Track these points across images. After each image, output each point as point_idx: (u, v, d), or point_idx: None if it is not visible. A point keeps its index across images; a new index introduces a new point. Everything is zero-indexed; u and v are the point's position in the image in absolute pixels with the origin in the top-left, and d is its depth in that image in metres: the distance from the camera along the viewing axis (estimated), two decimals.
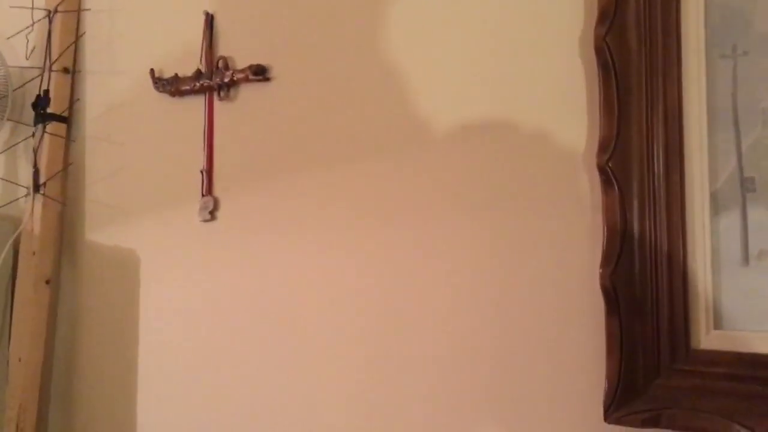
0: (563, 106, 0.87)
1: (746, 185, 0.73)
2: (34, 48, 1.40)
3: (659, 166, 0.78)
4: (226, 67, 1.18)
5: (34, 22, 1.41)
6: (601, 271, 0.79)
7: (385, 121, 1.01)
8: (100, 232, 1.36)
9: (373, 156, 1.02)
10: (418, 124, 0.98)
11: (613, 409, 0.78)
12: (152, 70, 1.27)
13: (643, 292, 0.78)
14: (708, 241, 0.76)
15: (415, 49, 0.99)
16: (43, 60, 1.38)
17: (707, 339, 0.75)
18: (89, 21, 1.39)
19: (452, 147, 0.95)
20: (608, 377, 0.79)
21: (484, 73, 0.93)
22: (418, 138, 0.98)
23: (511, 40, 0.91)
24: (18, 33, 1.42)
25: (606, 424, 0.79)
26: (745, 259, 0.73)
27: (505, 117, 0.91)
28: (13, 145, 1.47)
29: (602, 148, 0.80)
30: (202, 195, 1.20)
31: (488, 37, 0.93)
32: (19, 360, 1.32)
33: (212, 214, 1.19)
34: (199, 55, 1.21)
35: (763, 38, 0.73)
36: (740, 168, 0.74)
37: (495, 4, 0.92)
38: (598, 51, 0.80)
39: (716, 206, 0.75)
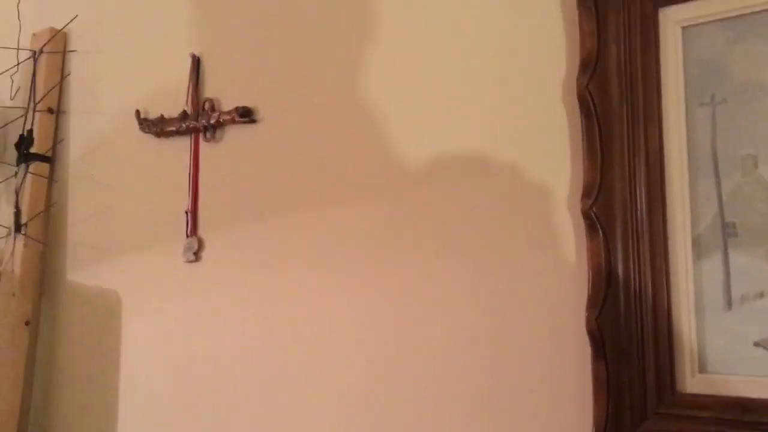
0: (546, 151, 0.88)
1: (727, 230, 0.75)
2: (18, 88, 1.40)
3: (642, 211, 0.79)
4: (213, 109, 1.18)
5: (19, 63, 1.41)
6: (587, 315, 0.80)
7: (370, 163, 1.02)
8: (82, 273, 1.34)
9: (358, 197, 1.03)
10: (403, 166, 0.99)
11: None
12: (138, 111, 1.27)
13: (628, 335, 0.79)
14: (691, 285, 0.77)
15: (399, 91, 1.01)
16: (27, 100, 1.38)
17: (692, 383, 0.76)
18: (75, 62, 1.40)
19: (437, 188, 0.96)
20: (595, 421, 0.79)
21: (467, 118, 0.94)
22: (403, 179, 0.99)
23: (493, 86, 0.93)
24: (3, 73, 1.43)
25: None
26: (728, 303, 0.75)
27: (489, 160, 0.92)
28: None
29: (586, 193, 0.81)
30: (187, 236, 1.19)
31: (472, 83, 0.94)
32: None
33: (197, 255, 1.18)
34: (185, 96, 1.22)
35: (740, 87, 0.75)
36: (721, 213, 0.75)
37: (479, 51, 0.94)
38: (581, 99, 0.82)
39: (699, 251, 0.76)
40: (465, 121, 0.95)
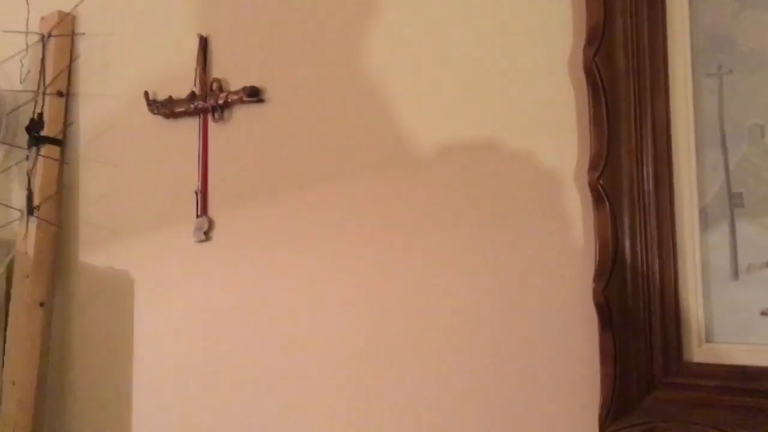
0: (554, 124, 0.88)
1: (734, 200, 0.75)
2: (28, 72, 1.41)
3: (649, 183, 0.79)
4: (220, 89, 1.19)
5: (28, 47, 1.42)
6: (594, 286, 0.80)
7: (378, 141, 1.03)
8: (94, 254, 1.36)
9: (366, 174, 1.03)
10: (410, 143, 1.00)
11: (608, 423, 0.79)
12: (146, 93, 1.28)
13: (635, 306, 0.79)
14: (698, 256, 0.77)
15: (406, 70, 1.01)
16: (37, 84, 1.39)
17: (699, 352, 0.76)
18: (83, 45, 1.40)
19: (445, 165, 0.96)
20: (603, 391, 0.80)
21: (474, 93, 0.95)
22: (411, 156, 0.99)
23: (501, 61, 0.93)
24: (12, 57, 1.44)
25: None
26: (735, 273, 0.75)
27: (497, 136, 0.92)
28: (6, 169, 1.47)
29: (593, 166, 0.81)
30: (197, 216, 1.21)
31: (478, 58, 0.95)
32: (13, 383, 1.31)
33: (207, 235, 1.20)
34: (193, 78, 1.22)
35: (746, 57, 0.75)
36: (728, 184, 0.75)
37: (484, 25, 0.94)
38: (588, 71, 0.82)
39: (705, 221, 0.77)
40: (472, 96, 0.95)
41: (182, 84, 1.23)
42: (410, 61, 1.01)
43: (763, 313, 0.73)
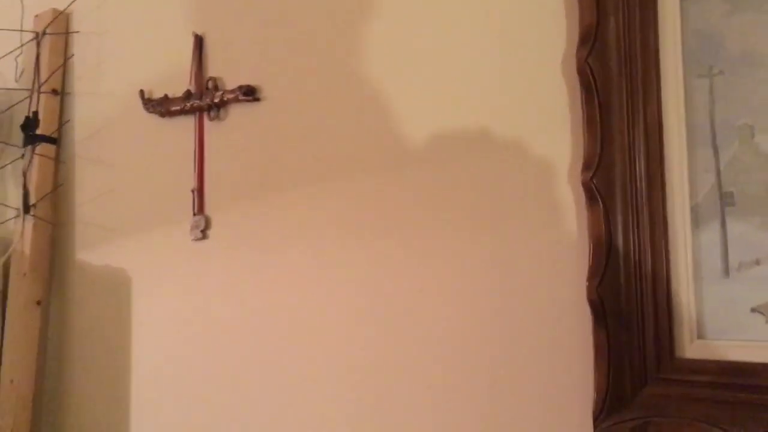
0: (546, 123, 0.89)
1: (725, 200, 0.76)
2: (23, 70, 1.41)
3: (641, 182, 0.80)
4: (216, 88, 1.20)
5: (22, 45, 1.42)
6: (587, 284, 0.82)
7: (373, 139, 1.03)
8: (91, 252, 1.36)
9: (361, 173, 1.04)
10: (405, 142, 1.00)
11: (602, 419, 0.80)
12: (142, 91, 1.28)
13: (628, 303, 0.81)
14: (690, 254, 0.78)
15: (401, 70, 1.02)
16: (31, 82, 1.39)
17: (691, 348, 0.78)
18: (78, 43, 1.40)
19: (440, 165, 0.97)
20: (597, 387, 0.81)
21: (469, 93, 0.95)
22: (406, 155, 1.00)
23: (494, 61, 0.94)
24: (6, 55, 1.44)
25: None
26: (726, 270, 0.76)
27: (491, 136, 0.93)
28: (2, 167, 1.48)
29: (586, 165, 0.82)
30: (194, 214, 1.21)
31: (472, 58, 0.95)
32: (11, 381, 1.32)
33: (204, 233, 1.20)
34: (189, 76, 1.23)
35: (736, 59, 0.76)
36: (719, 183, 0.77)
37: (478, 26, 0.95)
38: (581, 72, 0.83)
39: (697, 220, 0.78)
40: (466, 95, 0.96)
41: (177, 83, 1.24)
42: (405, 60, 1.01)
43: (754, 310, 0.75)
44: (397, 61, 1.02)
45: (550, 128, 0.89)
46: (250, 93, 1.15)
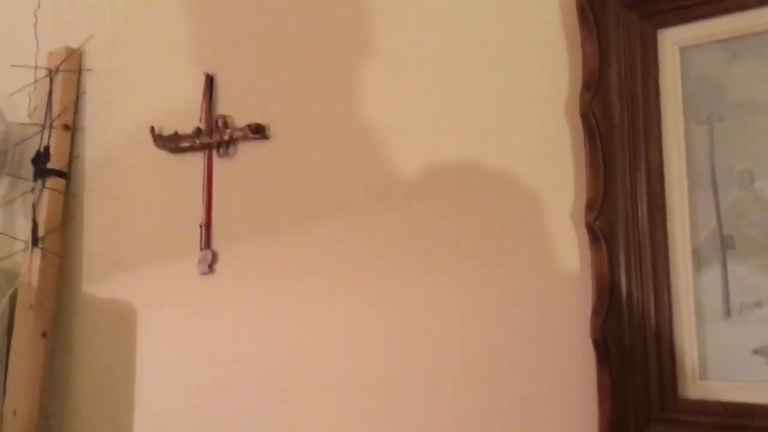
0: (550, 166, 0.91)
1: (726, 243, 0.78)
2: (36, 106, 1.44)
3: (644, 224, 0.82)
4: (226, 126, 1.22)
5: (36, 80, 1.45)
6: (591, 323, 0.83)
7: (380, 176, 1.05)
8: (98, 286, 1.37)
9: (367, 209, 1.06)
10: (411, 181, 1.02)
11: None
12: (152, 128, 1.30)
13: (632, 343, 0.82)
14: (691, 295, 0.80)
15: (408, 111, 1.04)
16: (44, 117, 1.41)
17: (694, 389, 0.79)
18: (90, 80, 1.43)
19: (445, 204, 0.99)
20: (600, 427, 0.82)
21: (473, 135, 0.98)
22: (411, 194, 1.02)
23: (498, 104, 0.96)
24: (20, 90, 1.46)
25: None
26: (727, 312, 0.78)
27: (496, 176, 0.95)
28: (12, 200, 1.49)
29: (589, 207, 0.84)
30: (201, 249, 1.23)
31: (476, 100, 0.98)
32: (14, 413, 1.32)
33: (211, 268, 1.22)
34: (199, 113, 1.25)
35: (736, 106, 0.79)
36: (720, 226, 0.78)
37: (481, 68, 0.98)
38: (584, 117, 0.85)
39: (698, 262, 0.80)
40: (471, 137, 0.98)
41: (188, 120, 1.26)
42: (410, 100, 1.04)
43: (755, 352, 0.76)
44: (403, 102, 1.04)
45: (554, 169, 0.91)
46: (258, 131, 1.17)
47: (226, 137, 1.21)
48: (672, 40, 0.83)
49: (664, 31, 0.83)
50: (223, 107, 1.24)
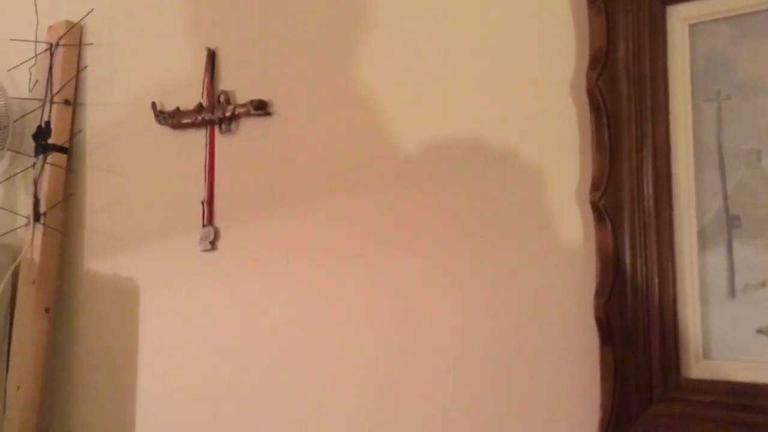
0: (556, 143, 0.90)
1: (732, 222, 0.78)
2: (36, 81, 1.43)
3: (649, 203, 0.82)
4: (228, 102, 1.21)
5: (36, 55, 1.44)
6: (595, 302, 0.83)
7: (383, 153, 1.05)
8: (100, 261, 1.37)
9: (369, 186, 1.05)
10: (414, 158, 1.02)
11: None
12: (154, 103, 1.30)
13: (635, 322, 0.82)
14: (696, 275, 0.79)
15: (411, 88, 1.03)
16: (44, 92, 1.40)
17: (697, 368, 0.79)
18: (91, 54, 1.42)
19: (450, 180, 0.98)
20: (603, 406, 0.82)
21: (479, 113, 0.97)
22: (415, 170, 1.02)
23: (504, 81, 0.95)
24: (20, 65, 1.45)
25: None
26: (732, 292, 0.77)
27: (500, 154, 0.94)
28: (13, 176, 1.49)
29: (595, 186, 0.84)
30: (203, 225, 1.22)
31: (481, 78, 0.97)
32: (18, 388, 1.33)
33: (213, 244, 1.21)
34: (201, 89, 1.24)
35: (744, 84, 0.78)
36: (726, 206, 0.78)
37: (487, 46, 0.97)
38: (590, 94, 0.84)
39: (704, 242, 0.79)
40: (476, 116, 0.97)
41: (190, 96, 1.25)
42: (414, 77, 1.03)
43: (759, 332, 0.76)
44: (407, 79, 1.04)
45: (559, 147, 0.90)
46: (260, 107, 1.17)
47: (228, 113, 1.20)
48: (681, 17, 0.82)
49: (673, 7, 0.82)
50: (225, 83, 1.23)
